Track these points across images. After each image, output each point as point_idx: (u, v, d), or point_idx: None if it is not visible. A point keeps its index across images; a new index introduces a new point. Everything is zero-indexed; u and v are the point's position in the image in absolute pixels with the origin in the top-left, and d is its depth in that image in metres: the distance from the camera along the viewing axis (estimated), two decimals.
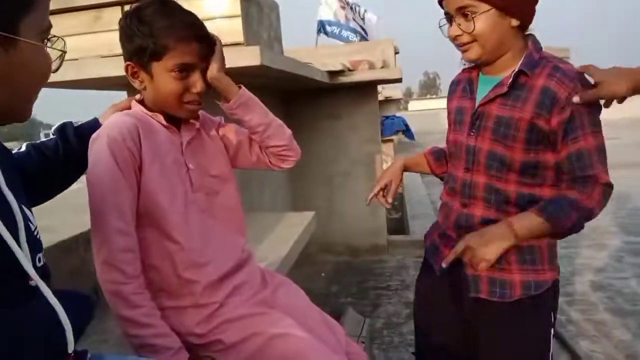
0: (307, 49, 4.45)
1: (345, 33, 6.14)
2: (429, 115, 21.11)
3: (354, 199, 4.15)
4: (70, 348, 0.79)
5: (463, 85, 1.37)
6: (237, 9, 1.76)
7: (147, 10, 1.12)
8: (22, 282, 0.72)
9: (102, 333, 1.38)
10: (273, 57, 1.89)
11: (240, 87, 1.29)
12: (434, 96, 46.45)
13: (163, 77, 1.15)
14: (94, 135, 1.14)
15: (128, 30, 1.14)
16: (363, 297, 3.34)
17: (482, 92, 1.29)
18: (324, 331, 1.38)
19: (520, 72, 1.20)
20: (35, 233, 0.78)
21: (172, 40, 1.11)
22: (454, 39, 1.21)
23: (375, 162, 4.11)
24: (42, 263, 0.78)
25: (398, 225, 5.75)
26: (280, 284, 1.45)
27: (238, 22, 1.78)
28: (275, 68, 1.91)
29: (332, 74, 3.56)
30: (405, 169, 1.54)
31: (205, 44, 1.18)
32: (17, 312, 0.70)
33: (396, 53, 4.19)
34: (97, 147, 1.11)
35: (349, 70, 3.74)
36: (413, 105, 37.11)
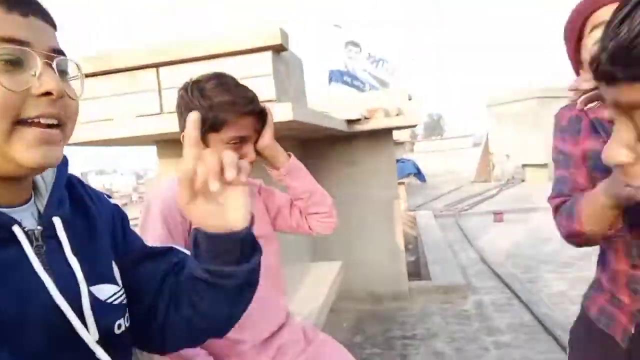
0: (321, 97, 4.56)
1: (356, 82, 6.34)
2: (435, 157, 21.28)
3: (373, 245, 4.12)
4: None
5: (590, 124, 1.14)
6: (269, 68, 1.83)
7: (208, 84, 1.18)
8: (89, 355, 0.68)
9: None
10: (303, 112, 1.94)
11: (290, 156, 1.37)
12: (439, 137, 46.86)
13: (218, 148, 1.19)
14: (147, 199, 1.16)
15: (189, 101, 1.18)
16: (390, 348, 3.25)
17: None
18: None
19: None
20: (111, 299, 0.74)
21: (232, 115, 1.16)
22: None
23: (394, 207, 4.11)
24: (122, 330, 0.73)
25: (414, 269, 5.67)
26: (323, 342, 1.44)
27: (270, 80, 1.84)
28: (305, 122, 1.96)
29: (350, 122, 3.63)
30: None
31: (259, 117, 1.24)
32: None
33: (409, 99, 4.28)
34: (151, 211, 1.12)
35: (366, 118, 3.81)
36: (419, 147, 37.43)
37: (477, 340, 3.18)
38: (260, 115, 1.25)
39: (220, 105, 1.15)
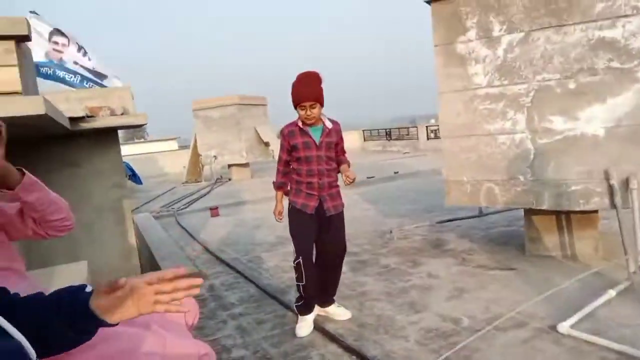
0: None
1: (60, 73, 5.78)
2: (142, 160, 20.73)
3: (102, 247, 4.00)
4: None
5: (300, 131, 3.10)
6: (13, 59, 1.72)
7: None
8: None
9: None
10: (51, 106, 1.89)
11: (23, 173, 1.37)
12: (142, 140, 45.47)
13: None
14: None
15: None
16: None
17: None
18: None
19: None
20: None
21: None
22: None
23: (124, 207, 4.08)
24: None
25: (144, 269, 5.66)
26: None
27: (14, 71, 1.74)
28: (54, 118, 1.91)
29: (72, 119, 3.44)
30: None
31: None
32: None
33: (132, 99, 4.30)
34: None
35: (89, 116, 3.67)
36: (122, 149, 35.53)
37: (216, 316, 3.57)
38: None
39: None
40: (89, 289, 1.01)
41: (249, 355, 2.87)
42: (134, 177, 11.55)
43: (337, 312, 3.25)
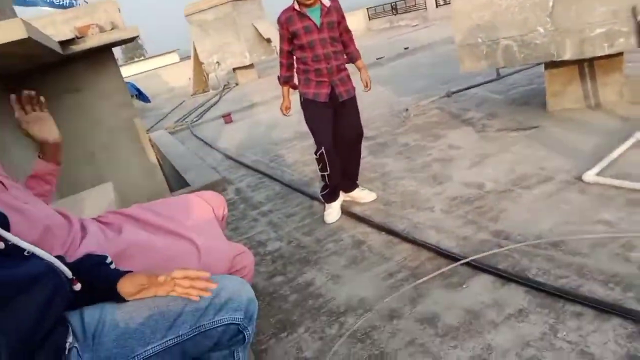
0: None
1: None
2: (146, 78, 20.34)
3: (123, 168, 4.06)
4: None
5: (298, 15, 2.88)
6: None
7: None
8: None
9: None
10: (35, 30, 1.78)
11: None
12: (142, 58, 44.31)
13: None
14: None
15: None
16: None
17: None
18: None
19: None
20: None
21: None
22: None
23: (136, 125, 4.07)
24: None
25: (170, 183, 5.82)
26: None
27: None
28: (41, 42, 1.80)
29: (63, 43, 3.31)
30: None
31: None
32: None
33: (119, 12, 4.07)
34: None
35: (78, 37, 3.51)
36: (124, 71, 34.80)
37: (247, 216, 3.70)
38: None
39: None
40: (109, 260, 1.17)
41: (284, 245, 3.01)
42: (141, 96, 11.41)
43: (362, 195, 3.31)
